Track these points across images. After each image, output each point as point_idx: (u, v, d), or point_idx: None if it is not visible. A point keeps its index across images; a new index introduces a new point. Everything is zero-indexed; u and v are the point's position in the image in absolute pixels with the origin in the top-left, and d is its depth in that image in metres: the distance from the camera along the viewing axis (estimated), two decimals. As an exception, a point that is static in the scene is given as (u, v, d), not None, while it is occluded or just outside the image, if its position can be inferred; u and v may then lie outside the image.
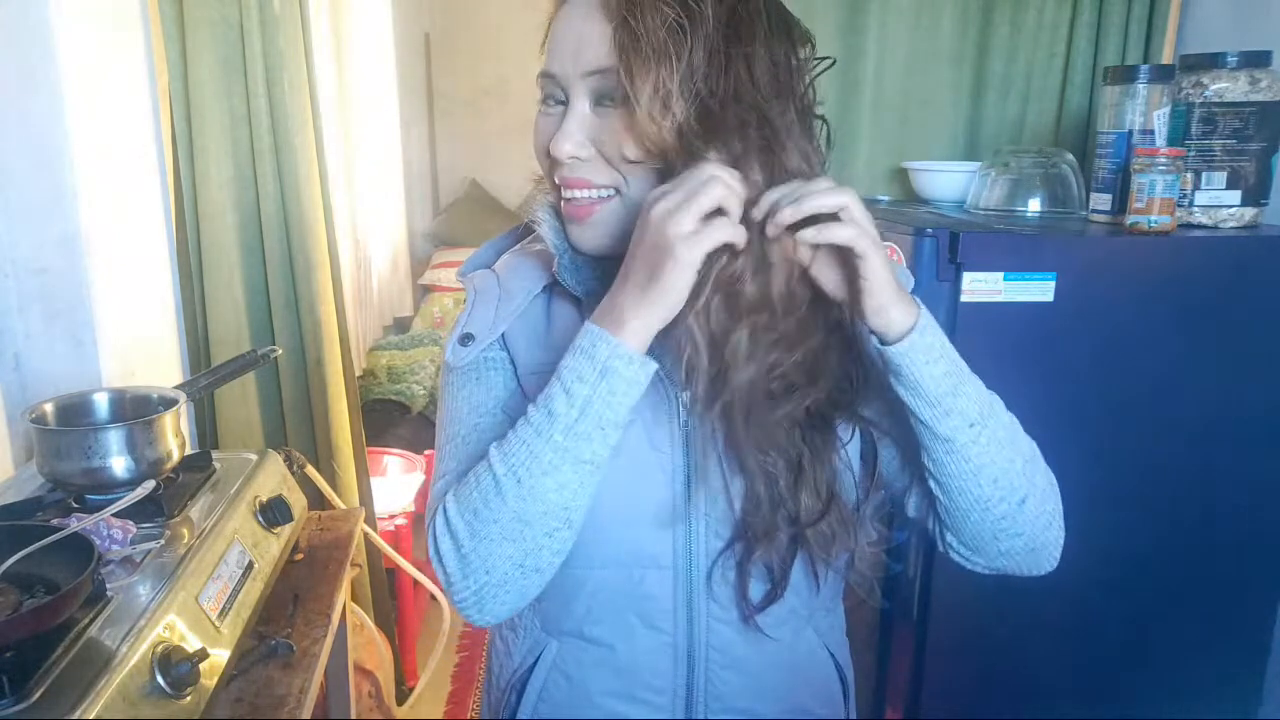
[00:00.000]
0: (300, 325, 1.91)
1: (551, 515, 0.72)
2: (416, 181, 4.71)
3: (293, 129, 1.81)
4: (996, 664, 1.56)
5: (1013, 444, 0.77)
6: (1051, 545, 0.81)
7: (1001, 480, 0.76)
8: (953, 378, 0.73)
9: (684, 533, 0.80)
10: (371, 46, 3.48)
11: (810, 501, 0.77)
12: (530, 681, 0.86)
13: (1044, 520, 0.79)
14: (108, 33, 1.56)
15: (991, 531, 0.78)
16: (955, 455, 0.74)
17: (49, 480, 1.21)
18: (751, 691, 0.84)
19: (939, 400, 0.72)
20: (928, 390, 0.72)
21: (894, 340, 0.71)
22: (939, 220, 1.62)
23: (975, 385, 0.75)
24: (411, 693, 2.40)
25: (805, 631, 0.87)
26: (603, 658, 0.83)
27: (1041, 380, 1.48)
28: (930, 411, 0.72)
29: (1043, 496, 0.79)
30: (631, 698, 0.83)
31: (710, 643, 0.82)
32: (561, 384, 0.71)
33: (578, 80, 0.74)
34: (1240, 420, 1.53)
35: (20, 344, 1.48)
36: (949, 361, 0.73)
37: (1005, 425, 0.77)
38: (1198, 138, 1.54)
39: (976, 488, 0.75)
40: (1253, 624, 1.63)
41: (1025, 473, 0.77)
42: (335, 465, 1.99)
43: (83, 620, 0.93)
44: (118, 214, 1.57)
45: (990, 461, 0.75)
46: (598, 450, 0.72)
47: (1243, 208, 1.56)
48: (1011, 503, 0.76)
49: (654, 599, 0.81)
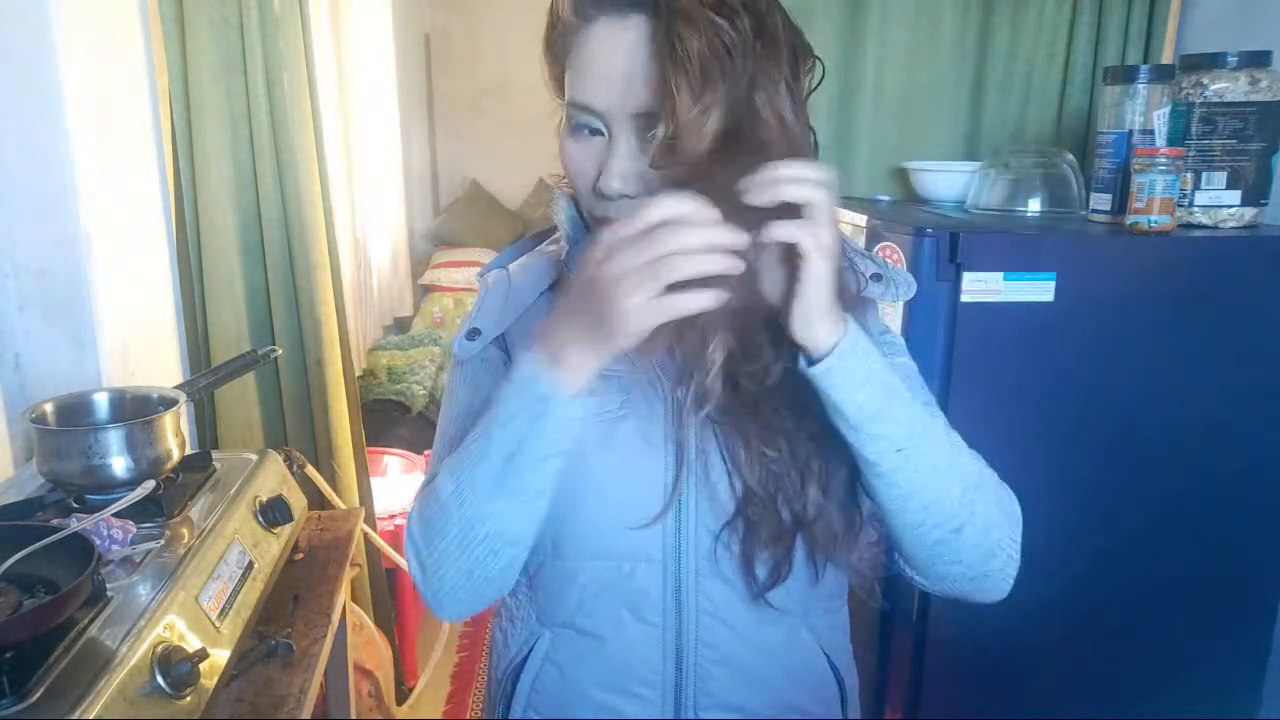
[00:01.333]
0: (300, 325, 1.91)
1: (493, 538, 0.73)
2: (416, 181, 4.71)
3: (293, 129, 1.81)
4: (996, 664, 1.56)
5: (950, 470, 0.73)
6: (996, 575, 0.76)
7: (934, 507, 0.72)
8: (877, 402, 0.69)
9: (674, 527, 0.81)
10: (371, 46, 3.48)
11: (816, 496, 0.76)
12: (524, 672, 0.86)
13: (986, 550, 0.75)
14: (108, 33, 1.56)
15: (927, 556, 0.75)
16: (883, 479, 0.72)
17: (49, 480, 1.21)
18: (742, 687, 0.84)
19: (860, 425, 0.69)
20: (848, 414, 0.69)
21: (816, 359, 0.68)
22: (939, 220, 1.62)
23: (908, 409, 0.71)
24: (411, 693, 2.40)
25: (799, 632, 0.86)
26: (594, 649, 0.84)
27: (1041, 380, 1.48)
28: (853, 435, 0.70)
29: (985, 525, 0.74)
30: (622, 690, 0.83)
31: (700, 637, 0.82)
32: (498, 415, 0.71)
33: (624, 119, 0.72)
34: (1240, 420, 1.53)
35: (20, 344, 1.48)
36: (874, 386, 0.69)
37: (942, 450, 0.73)
38: (1198, 138, 1.54)
39: (906, 512, 0.73)
40: (1253, 624, 1.63)
41: (964, 501, 0.73)
42: (335, 465, 1.99)
43: (83, 620, 0.93)
44: (118, 214, 1.57)
45: (921, 488, 0.72)
46: (537, 481, 0.71)
47: (1243, 208, 1.56)
48: (945, 530, 0.73)
49: (644, 592, 0.81)
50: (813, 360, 0.68)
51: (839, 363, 0.67)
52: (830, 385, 0.68)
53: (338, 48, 2.95)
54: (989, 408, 1.44)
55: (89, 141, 1.46)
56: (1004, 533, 0.76)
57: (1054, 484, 1.51)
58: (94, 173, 1.48)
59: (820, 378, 0.68)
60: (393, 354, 3.55)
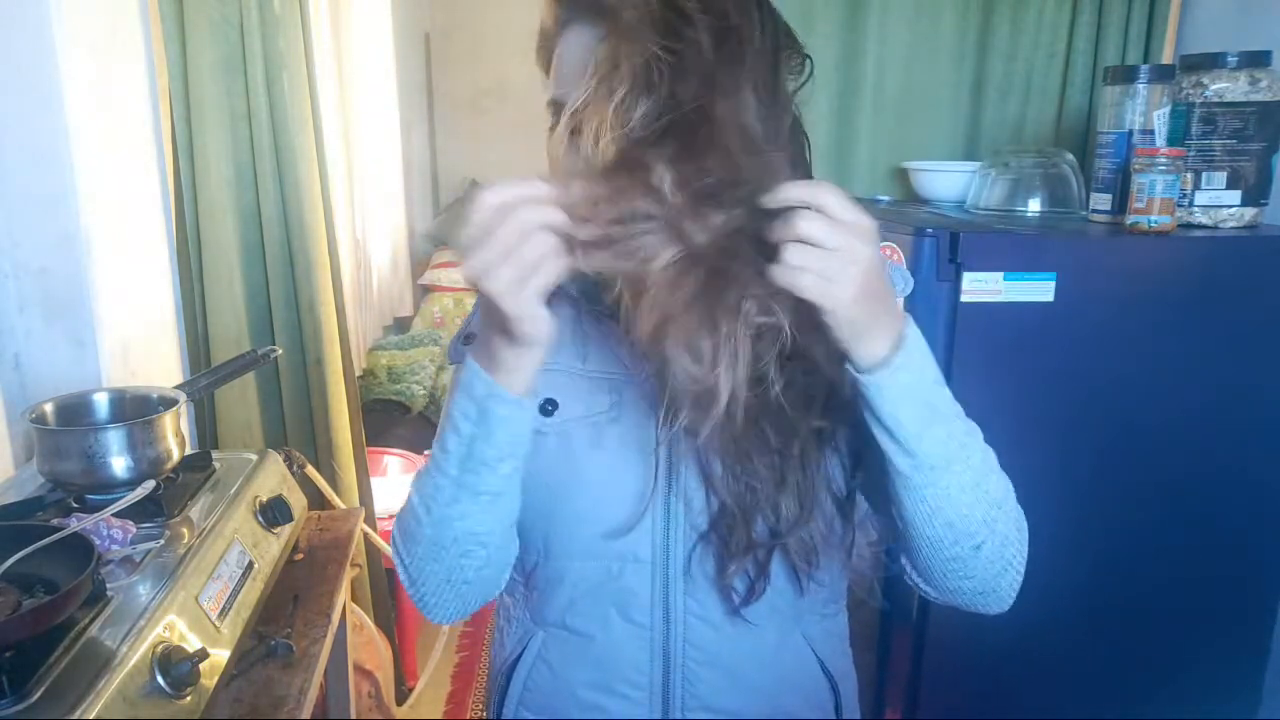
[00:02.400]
0: (300, 325, 1.91)
1: (462, 540, 0.76)
2: (416, 181, 4.71)
3: (293, 129, 1.81)
4: (996, 664, 1.56)
5: (976, 489, 0.71)
6: (1004, 590, 0.77)
7: (958, 525, 0.71)
8: (920, 422, 0.67)
9: (663, 528, 0.81)
10: (371, 46, 3.48)
11: (790, 509, 0.76)
12: (517, 670, 0.88)
13: (999, 566, 0.75)
14: (108, 32, 1.56)
15: (941, 570, 0.74)
16: (911, 493, 0.70)
17: (49, 480, 1.21)
18: (730, 690, 0.84)
19: (902, 440, 0.68)
20: (889, 427, 0.67)
21: (865, 370, 0.66)
22: (939, 220, 1.62)
23: (948, 426, 0.69)
24: (411, 693, 2.40)
25: (792, 635, 0.86)
26: (583, 649, 0.84)
27: (1041, 380, 1.48)
28: (891, 447, 0.68)
29: (1002, 543, 0.74)
30: (610, 690, 0.84)
31: (688, 639, 0.82)
32: (451, 418, 0.72)
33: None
34: (1240, 420, 1.53)
35: (20, 344, 1.48)
36: (919, 405, 0.67)
37: (974, 469, 0.71)
38: (1198, 138, 1.54)
39: (930, 528, 0.71)
40: (1253, 624, 1.63)
41: (986, 519, 0.72)
42: (335, 465, 1.99)
43: (83, 620, 0.93)
44: (118, 214, 1.57)
45: (948, 505, 0.70)
46: (492, 483, 0.73)
47: (1243, 208, 1.56)
48: (965, 547, 0.72)
49: (632, 593, 0.82)
50: (858, 368, 0.66)
51: (889, 378, 0.65)
52: (878, 397, 0.66)
53: (338, 47, 2.95)
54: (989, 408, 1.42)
55: (89, 141, 1.46)
56: (1017, 550, 0.76)
57: (1054, 484, 1.51)
58: (94, 173, 1.48)
59: (867, 387, 0.66)
60: (393, 354, 3.55)
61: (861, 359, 0.65)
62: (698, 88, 0.65)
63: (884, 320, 0.65)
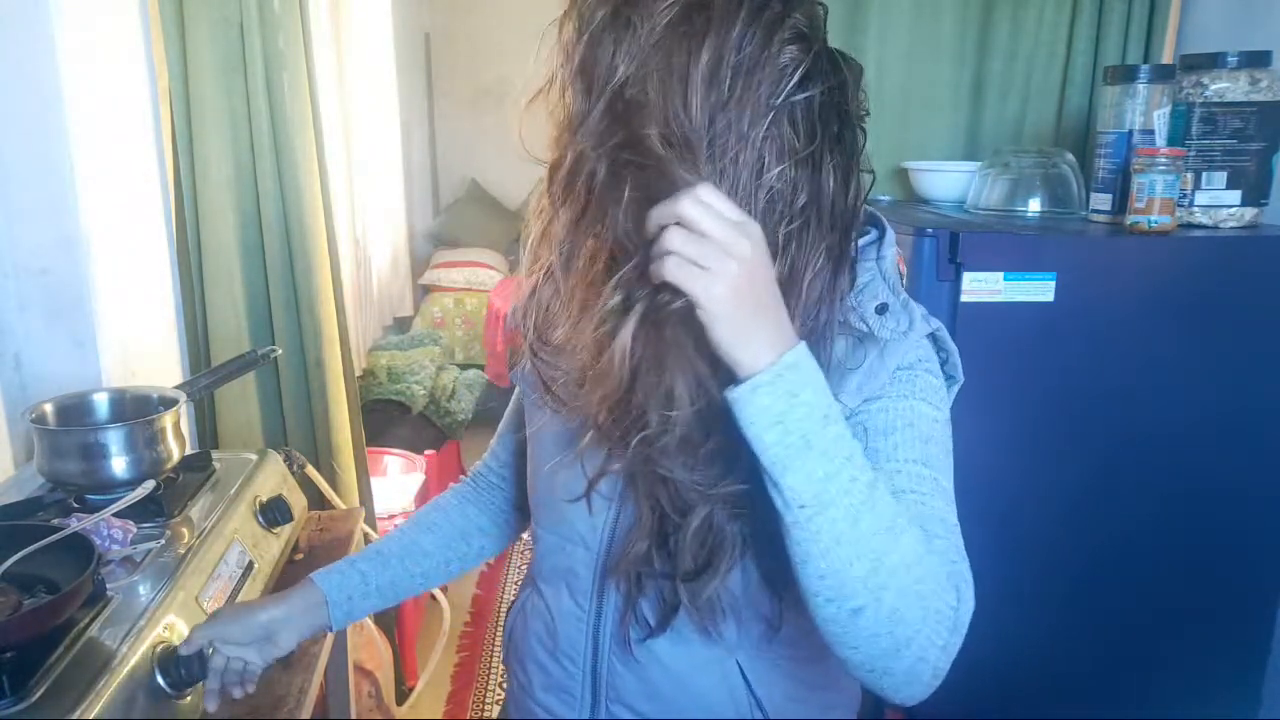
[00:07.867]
0: (300, 325, 1.91)
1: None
2: (416, 181, 4.71)
3: (293, 129, 1.81)
4: (996, 664, 1.55)
5: (857, 544, 0.62)
6: (900, 676, 0.65)
7: (830, 579, 0.63)
8: (788, 451, 0.61)
9: (613, 518, 0.82)
10: (371, 46, 3.48)
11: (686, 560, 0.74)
12: (509, 615, 0.97)
13: (888, 644, 0.64)
14: (108, 33, 1.56)
15: (823, 629, 0.65)
16: (786, 532, 0.64)
17: (49, 480, 1.21)
18: (645, 697, 0.84)
19: (767, 466, 0.62)
20: (756, 450, 0.62)
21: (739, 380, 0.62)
22: (939, 220, 1.62)
23: (826, 467, 0.61)
24: (411, 693, 2.39)
25: (725, 661, 0.83)
26: (543, 610, 0.90)
27: (1041, 380, 1.48)
28: (764, 473, 0.63)
29: (891, 617, 0.63)
30: (555, 654, 0.89)
31: (614, 634, 0.84)
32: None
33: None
34: (1240, 420, 1.53)
35: (20, 344, 1.48)
36: (787, 433, 0.61)
37: (855, 522, 0.62)
38: (1198, 138, 1.54)
39: (804, 576, 0.64)
40: (1253, 624, 1.63)
41: (868, 581, 0.62)
42: (335, 465, 1.99)
43: (83, 620, 0.93)
44: (118, 214, 1.57)
45: (818, 554, 0.62)
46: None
47: (1243, 208, 1.56)
48: (841, 608, 0.63)
49: (577, 575, 0.85)
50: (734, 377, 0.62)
51: (749, 395, 0.61)
52: (740, 416, 0.62)
53: (338, 47, 2.95)
54: (989, 408, 1.44)
55: (89, 141, 1.46)
56: (919, 631, 0.64)
57: (1054, 483, 1.51)
58: (94, 173, 1.48)
59: (732, 404, 0.62)
60: (393, 354, 3.55)
61: (742, 370, 0.61)
62: (639, 86, 0.68)
63: (769, 332, 0.61)
